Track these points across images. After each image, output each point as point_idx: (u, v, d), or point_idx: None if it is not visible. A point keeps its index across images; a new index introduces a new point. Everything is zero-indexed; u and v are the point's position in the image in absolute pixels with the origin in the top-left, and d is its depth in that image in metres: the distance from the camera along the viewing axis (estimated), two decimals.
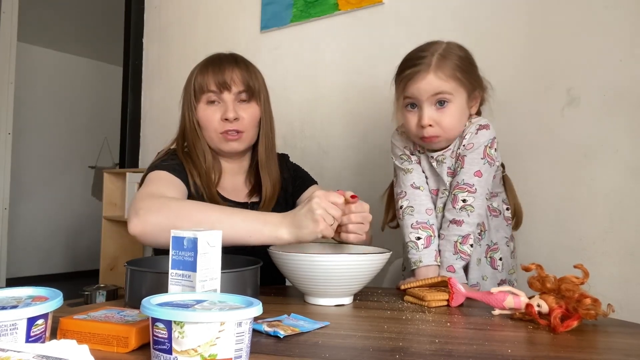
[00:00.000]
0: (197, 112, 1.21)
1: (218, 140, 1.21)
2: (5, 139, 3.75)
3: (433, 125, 1.10)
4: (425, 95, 1.10)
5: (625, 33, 1.30)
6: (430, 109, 1.10)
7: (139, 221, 0.99)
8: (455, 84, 1.09)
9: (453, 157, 1.16)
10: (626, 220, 1.28)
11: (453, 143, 1.16)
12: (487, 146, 1.12)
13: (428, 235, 1.14)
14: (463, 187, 1.11)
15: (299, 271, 0.92)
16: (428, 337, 0.73)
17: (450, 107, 1.10)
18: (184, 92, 1.25)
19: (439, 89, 1.09)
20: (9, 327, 0.54)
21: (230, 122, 1.18)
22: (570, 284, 0.83)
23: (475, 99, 1.16)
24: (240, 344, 0.56)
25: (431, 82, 1.08)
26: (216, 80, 1.18)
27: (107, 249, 2.81)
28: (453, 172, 1.16)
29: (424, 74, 1.09)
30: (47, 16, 4.64)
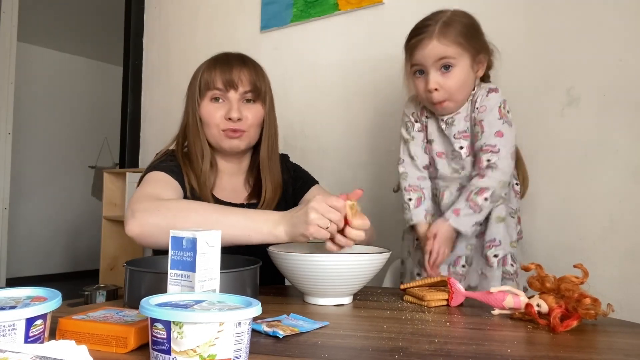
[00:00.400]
0: (201, 108, 1.20)
1: (219, 137, 1.20)
2: (5, 139, 3.75)
3: (439, 89, 1.15)
4: (430, 61, 1.15)
5: (625, 33, 1.30)
6: (435, 74, 1.15)
7: (136, 222, 0.99)
8: (458, 49, 1.14)
9: (467, 121, 1.20)
10: (626, 220, 1.28)
11: (464, 107, 1.20)
12: (501, 107, 1.17)
13: (418, 196, 1.23)
14: (486, 149, 1.15)
15: (298, 271, 0.92)
16: (427, 337, 0.73)
17: (455, 70, 1.15)
18: (188, 88, 1.24)
19: (442, 54, 1.14)
20: (7, 328, 0.54)
21: (233, 121, 1.18)
22: (569, 284, 0.83)
23: (480, 63, 1.19)
24: (239, 344, 0.55)
25: (435, 47, 1.14)
26: (223, 78, 1.18)
27: (107, 249, 2.80)
28: (465, 135, 1.20)
29: (427, 40, 1.14)
30: (47, 16, 4.63)
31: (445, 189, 1.23)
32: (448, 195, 1.22)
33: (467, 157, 1.20)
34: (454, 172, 1.23)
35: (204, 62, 1.23)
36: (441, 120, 1.22)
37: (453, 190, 1.22)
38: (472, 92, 1.20)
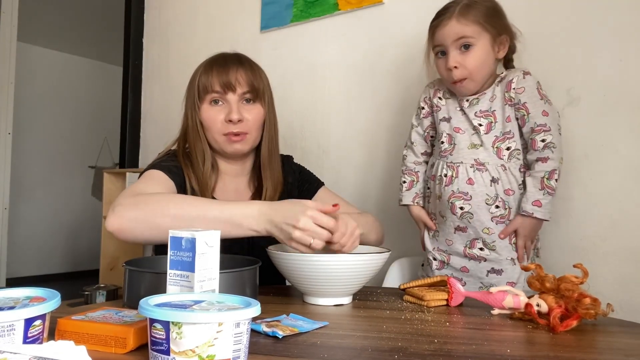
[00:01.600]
0: (201, 112, 1.19)
1: (222, 142, 1.19)
2: (5, 139, 3.75)
3: (458, 67, 1.19)
4: (450, 40, 1.19)
5: (625, 33, 1.30)
6: (455, 52, 1.19)
7: (115, 217, 0.98)
8: (477, 28, 1.18)
9: (492, 101, 1.22)
10: (626, 220, 1.28)
11: (490, 88, 1.23)
12: (539, 88, 1.20)
13: (411, 180, 1.35)
14: (538, 130, 1.18)
15: (298, 271, 0.92)
16: (427, 337, 0.73)
17: (474, 49, 1.18)
18: (187, 91, 1.23)
19: (461, 33, 1.18)
20: (6, 328, 0.54)
21: (234, 123, 1.17)
22: (569, 284, 0.82)
23: (502, 44, 1.22)
24: (238, 345, 0.55)
25: (454, 27, 1.18)
26: (220, 80, 1.17)
27: (107, 249, 2.80)
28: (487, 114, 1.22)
29: (447, 21, 1.19)
30: (47, 16, 4.63)
31: (459, 165, 1.23)
32: (462, 170, 1.22)
33: (485, 135, 1.22)
34: (473, 147, 1.23)
35: (201, 65, 1.23)
36: (465, 100, 1.25)
37: (468, 166, 1.22)
38: (501, 74, 1.24)
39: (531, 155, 1.19)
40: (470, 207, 1.20)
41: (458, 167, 1.23)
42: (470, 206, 1.20)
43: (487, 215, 1.20)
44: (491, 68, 1.23)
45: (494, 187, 1.19)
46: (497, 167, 1.20)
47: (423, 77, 1.38)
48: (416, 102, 1.39)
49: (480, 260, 1.21)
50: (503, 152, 1.21)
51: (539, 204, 1.16)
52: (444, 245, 1.27)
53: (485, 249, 1.21)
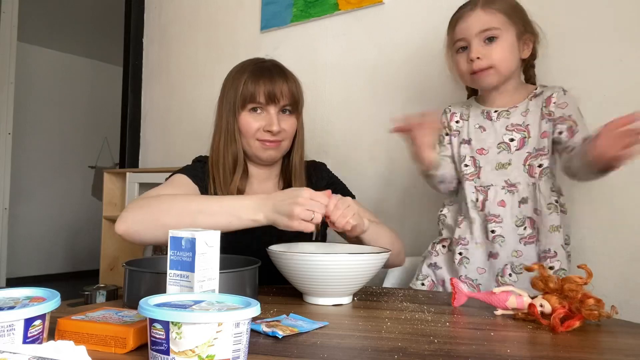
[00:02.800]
0: (240, 118, 1.21)
1: (256, 148, 1.23)
2: (5, 139, 3.75)
3: (481, 58, 1.14)
4: (474, 32, 1.14)
5: (625, 33, 1.30)
6: (478, 44, 1.14)
7: (121, 221, 1.02)
8: (503, 19, 1.13)
9: (524, 116, 1.18)
10: (626, 220, 1.28)
11: (524, 102, 1.18)
12: (578, 106, 1.17)
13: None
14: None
15: (298, 271, 0.92)
16: (427, 337, 0.73)
17: (500, 42, 1.13)
18: (224, 95, 1.25)
19: (487, 25, 1.13)
20: (6, 328, 0.54)
21: (272, 134, 1.21)
22: (573, 284, 0.82)
23: (526, 44, 1.18)
24: (238, 345, 0.55)
25: (479, 16, 1.14)
26: (266, 92, 1.19)
27: (107, 249, 2.80)
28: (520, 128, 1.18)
29: (471, 11, 1.15)
30: (47, 16, 4.63)
31: (489, 187, 1.19)
32: (493, 193, 1.18)
33: (516, 151, 1.17)
34: (501, 167, 1.19)
35: (243, 71, 1.23)
36: (493, 112, 1.21)
37: (499, 188, 1.18)
38: (535, 90, 1.19)
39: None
40: (502, 229, 1.16)
41: (488, 189, 1.19)
42: (502, 228, 1.16)
43: (516, 237, 1.16)
44: (516, 66, 1.17)
45: (522, 208, 1.16)
46: (529, 187, 1.16)
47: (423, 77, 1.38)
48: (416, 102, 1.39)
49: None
50: (535, 170, 1.16)
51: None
52: (474, 273, 1.20)
53: (513, 274, 1.15)
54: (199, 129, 2.36)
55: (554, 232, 1.14)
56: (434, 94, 1.57)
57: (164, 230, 0.97)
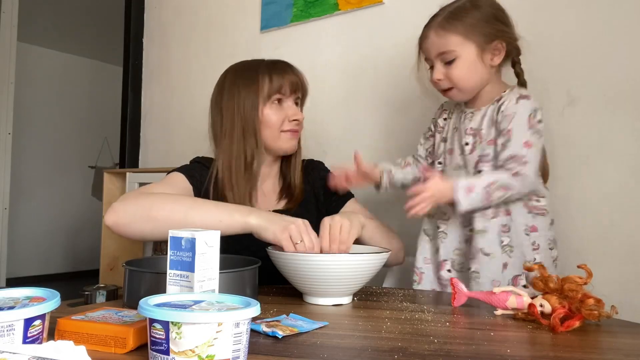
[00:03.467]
0: (264, 111, 1.22)
1: (283, 140, 1.25)
2: (5, 139, 3.75)
3: (442, 79, 1.15)
4: (432, 54, 1.16)
5: (625, 33, 1.30)
6: (439, 65, 1.15)
7: (112, 212, 1.02)
8: (458, 39, 1.11)
9: (483, 120, 1.17)
10: (626, 220, 1.28)
11: (486, 106, 1.18)
12: (531, 116, 1.11)
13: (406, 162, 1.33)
14: (515, 159, 1.07)
15: (297, 271, 0.92)
16: (427, 337, 0.73)
17: (457, 62, 1.13)
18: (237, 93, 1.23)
19: (441, 49, 1.13)
20: (5, 328, 0.54)
21: (298, 122, 1.26)
22: (573, 284, 0.82)
23: (495, 50, 1.15)
24: (238, 345, 0.55)
25: (433, 42, 1.14)
26: (291, 82, 1.23)
27: (107, 249, 2.80)
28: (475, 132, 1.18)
29: (427, 33, 1.16)
30: (47, 16, 4.63)
31: None
32: None
33: (469, 155, 1.18)
34: (457, 168, 1.21)
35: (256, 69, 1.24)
36: (464, 113, 1.22)
37: None
38: (502, 93, 1.16)
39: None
40: (447, 227, 1.21)
41: None
42: (447, 226, 1.21)
43: (460, 236, 1.20)
44: (482, 76, 1.15)
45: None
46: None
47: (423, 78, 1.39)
48: (416, 102, 1.39)
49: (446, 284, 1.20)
50: (424, 168, 1.22)
51: (470, 190, 1.06)
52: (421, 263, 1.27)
53: (452, 270, 1.20)
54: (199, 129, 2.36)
55: (477, 236, 1.14)
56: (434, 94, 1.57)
57: (154, 224, 1.01)
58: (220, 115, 1.25)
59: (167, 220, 1.00)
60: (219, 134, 1.25)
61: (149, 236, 1.05)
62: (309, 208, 1.28)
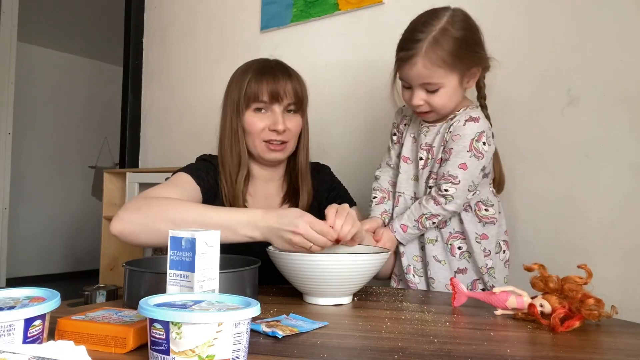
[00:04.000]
0: (245, 117, 1.21)
1: (261, 148, 1.22)
2: (5, 139, 3.75)
3: (423, 105, 1.15)
4: (415, 83, 1.14)
5: (625, 33, 1.30)
6: (420, 92, 1.14)
7: (118, 221, 1.01)
8: (444, 71, 1.10)
9: (436, 136, 1.20)
10: (626, 220, 1.28)
11: (440, 124, 1.20)
12: (474, 139, 1.13)
13: (382, 196, 1.30)
14: (447, 179, 1.14)
15: (297, 271, 0.92)
16: (427, 337, 0.73)
17: (441, 91, 1.13)
18: (228, 95, 1.24)
19: (426, 80, 1.12)
20: (5, 328, 0.54)
21: (278, 133, 1.20)
22: (573, 284, 0.82)
23: (472, 76, 1.17)
24: (238, 345, 0.55)
25: (419, 71, 1.11)
26: (269, 91, 1.19)
27: (107, 249, 2.80)
28: (428, 148, 1.21)
29: (413, 60, 1.10)
30: (47, 16, 4.63)
31: (400, 195, 1.25)
32: (402, 201, 1.25)
33: (421, 169, 1.22)
34: (413, 179, 1.25)
35: (246, 70, 1.23)
36: (423, 127, 1.23)
37: (407, 197, 1.25)
38: (457, 111, 1.18)
39: (432, 191, 1.17)
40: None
41: (399, 197, 1.25)
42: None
43: (417, 243, 1.24)
44: (459, 100, 1.17)
45: None
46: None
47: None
48: None
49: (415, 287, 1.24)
50: (427, 189, 1.21)
51: (404, 229, 1.18)
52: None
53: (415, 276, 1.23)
54: (199, 129, 2.37)
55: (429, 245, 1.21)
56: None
57: (159, 236, 0.99)
58: (221, 115, 1.26)
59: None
60: (220, 133, 1.26)
61: (155, 245, 1.06)
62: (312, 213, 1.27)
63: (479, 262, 1.19)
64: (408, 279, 1.24)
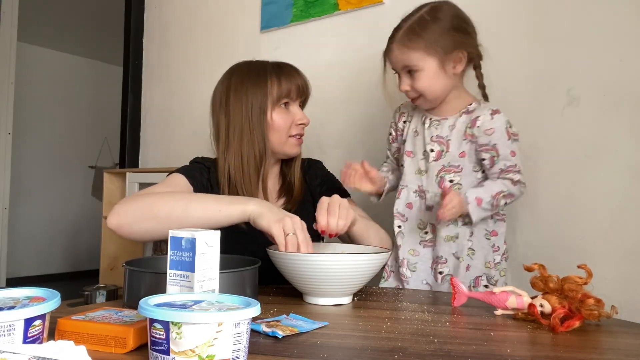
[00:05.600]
0: (273, 114, 1.23)
1: (289, 144, 1.26)
2: (5, 139, 3.75)
3: (409, 90, 1.21)
4: (397, 67, 1.21)
5: (625, 33, 1.30)
6: (405, 76, 1.21)
7: (114, 214, 1.03)
8: (419, 54, 1.16)
9: (451, 130, 1.21)
10: (626, 220, 1.28)
11: (454, 117, 1.22)
12: (507, 127, 1.18)
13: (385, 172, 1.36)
14: (509, 170, 1.17)
15: (297, 271, 0.92)
16: (427, 337, 0.73)
17: (420, 74, 1.17)
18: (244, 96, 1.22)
19: (404, 63, 1.18)
20: (6, 328, 0.54)
21: (305, 126, 1.28)
22: (573, 284, 0.82)
23: (456, 60, 1.18)
24: (238, 345, 0.55)
25: (397, 56, 1.19)
26: (299, 85, 1.25)
27: (107, 249, 2.80)
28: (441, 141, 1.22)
29: (391, 47, 1.20)
30: (47, 16, 4.63)
31: (403, 188, 1.27)
32: (405, 194, 1.26)
33: (433, 162, 1.22)
34: (417, 172, 1.26)
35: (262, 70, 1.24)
36: (428, 119, 1.25)
37: (411, 191, 1.26)
38: (469, 106, 1.22)
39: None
40: (404, 227, 1.26)
41: (402, 190, 1.26)
42: (405, 227, 1.26)
43: (416, 238, 1.25)
44: (446, 84, 1.19)
45: (428, 214, 1.23)
46: (436, 197, 1.21)
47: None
48: None
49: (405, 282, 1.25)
50: (445, 183, 1.21)
51: (479, 202, 1.14)
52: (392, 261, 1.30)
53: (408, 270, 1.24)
54: (199, 129, 2.36)
55: (449, 242, 1.21)
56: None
57: (156, 222, 1.02)
58: (227, 117, 1.23)
59: (168, 216, 1.01)
60: (227, 136, 1.23)
61: (152, 235, 1.05)
62: (306, 207, 1.28)
63: (488, 258, 1.20)
64: (401, 272, 1.24)
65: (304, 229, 0.98)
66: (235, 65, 1.30)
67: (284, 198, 1.31)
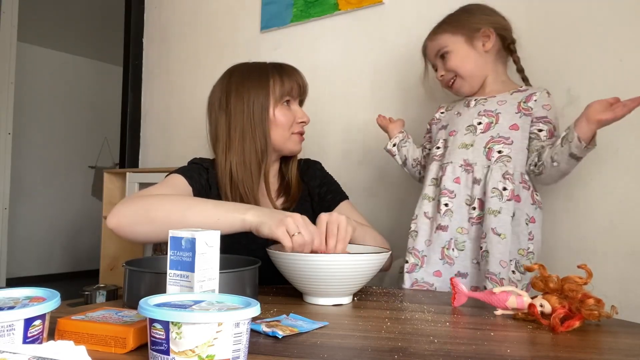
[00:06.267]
0: (276, 112, 1.24)
1: (293, 141, 1.28)
2: (5, 139, 3.75)
3: (445, 74, 1.30)
4: (432, 57, 1.34)
5: (625, 33, 1.30)
6: (439, 63, 1.31)
7: (113, 214, 1.03)
8: (446, 37, 1.28)
9: (501, 105, 1.24)
10: (626, 220, 1.28)
11: (502, 94, 1.25)
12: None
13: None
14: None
15: (297, 271, 0.92)
16: (427, 337, 0.73)
17: (451, 54, 1.27)
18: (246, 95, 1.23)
19: (436, 49, 1.30)
20: (5, 328, 0.54)
21: (306, 124, 1.30)
22: (573, 284, 0.82)
23: (485, 37, 1.26)
24: (238, 345, 0.55)
25: (430, 48, 1.33)
26: (300, 84, 1.27)
27: (107, 249, 2.80)
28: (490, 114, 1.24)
29: (425, 43, 1.35)
30: (47, 16, 4.63)
31: (448, 164, 1.24)
32: (451, 169, 1.23)
33: (480, 134, 1.23)
34: (463, 146, 1.24)
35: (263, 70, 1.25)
36: (473, 100, 1.29)
37: (457, 165, 1.23)
38: (520, 87, 1.27)
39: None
40: (453, 204, 1.22)
41: (447, 166, 1.24)
42: (453, 204, 1.22)
43: (464, 215, 1.21)
44: (477, 61, 1.26)
45: (475, 188, 1.20)
46: (483, 169, 1.20)
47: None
48: (416, 102, 1.40)
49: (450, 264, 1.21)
50: (493, 154, 1.20)
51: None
52: (422, 245, 1.25)
53: (455, 249, 1.21)
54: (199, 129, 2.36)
55: (490, 215, 1.16)
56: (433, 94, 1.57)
57: (153, 225, 1.01)
58: (228, 117, 1.23)
59: (165, 220, 1.00)
60: (228, 135, 1.23)
61: (150, 237, 1.05)
62: (304, 207, 1.29)
63: (522, 244, 1.17)
64: (447, 254, 1.21)
65: (307, 225, 0.96)
66: (232, 67, 1.30)
67: (283, 197, 1.31)
